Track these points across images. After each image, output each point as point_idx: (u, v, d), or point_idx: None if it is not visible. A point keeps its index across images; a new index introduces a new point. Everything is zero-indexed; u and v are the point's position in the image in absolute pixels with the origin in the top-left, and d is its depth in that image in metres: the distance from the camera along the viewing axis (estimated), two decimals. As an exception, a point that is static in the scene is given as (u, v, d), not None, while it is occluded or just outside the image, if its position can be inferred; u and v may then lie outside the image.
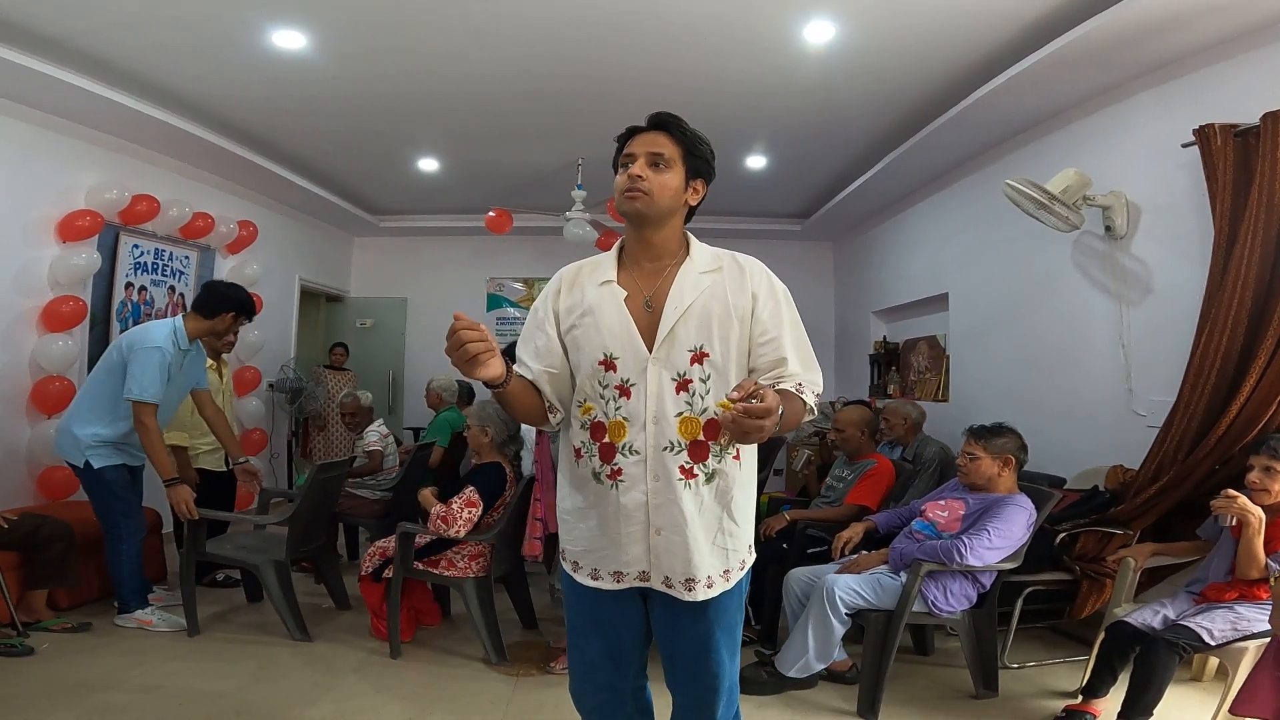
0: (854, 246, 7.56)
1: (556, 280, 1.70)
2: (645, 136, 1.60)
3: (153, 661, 3.10)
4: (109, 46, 3.86)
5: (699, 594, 1.56)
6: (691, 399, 1.54)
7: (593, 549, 1.62)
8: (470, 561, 3.32)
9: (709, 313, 1.56)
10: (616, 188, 1.60)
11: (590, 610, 1.66)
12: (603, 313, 1.58)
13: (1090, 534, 3.35)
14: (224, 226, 5.66)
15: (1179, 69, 3.47)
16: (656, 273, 1.62)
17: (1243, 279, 2.95)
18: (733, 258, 1.64)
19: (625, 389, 1.55)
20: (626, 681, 1.72)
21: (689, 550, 1.54)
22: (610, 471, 1.57)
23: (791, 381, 1.55)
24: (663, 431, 1.54)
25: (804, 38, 3.74)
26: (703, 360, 1.55)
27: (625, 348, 1.56)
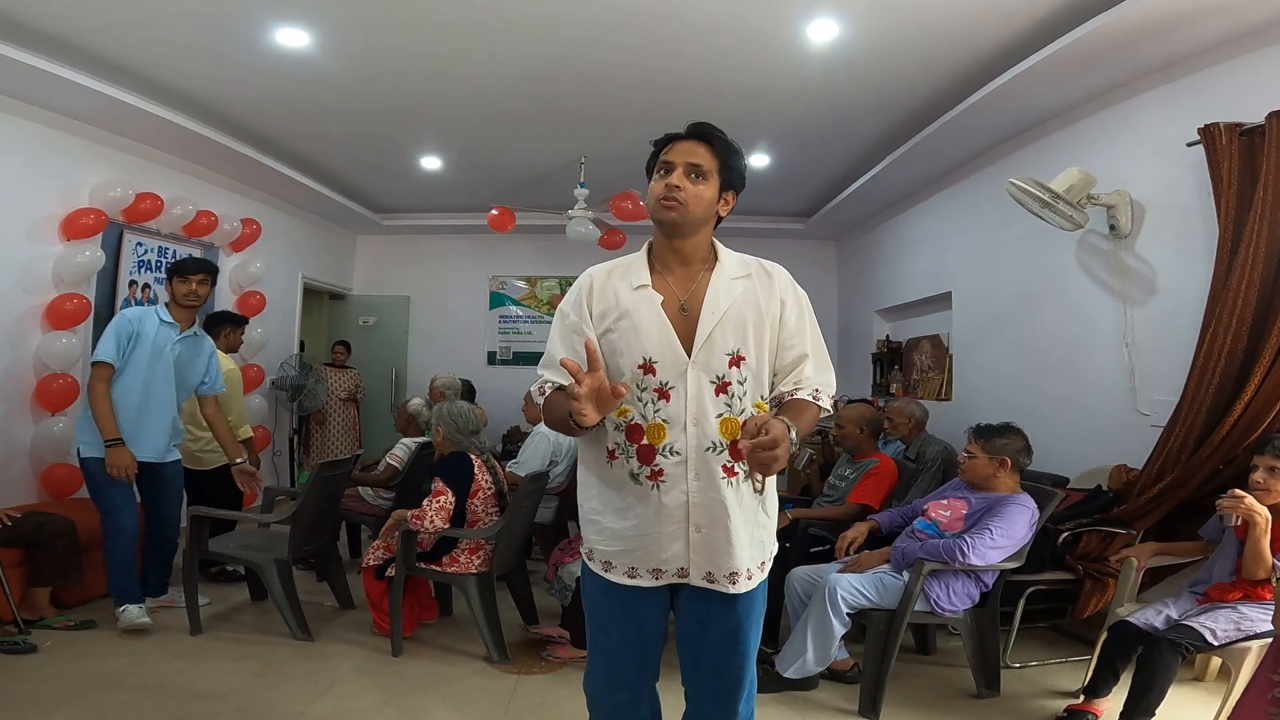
0: (857, 245, 7.55)
1: (587, 281, 1.69)
2: (684, 145, 1.62)
3: (155, 660, 3.11)
4: (113, 45, 3.86)
5: (742, 586, 1.60)
6: (731, 400, 1.59)
7: (630, 548, 1.63)
8: (471, 557, 3.32)
9: (744, 318, 1.61)
10: (652, 194, 1.62)
11: (620, 609, 1.67)
12: (641, 317, 1.60)
13: (1093, 533, 3.34)
14: (227, 224, 5.67)
15: (1184, 68, 3.46)
16: (689, 278, 1.65)
17: (1247, 279, 2.94)
18: (760, 264, 1.70)
19: (664, 392, 1.58)
20: (646, 680, 1.73)
21: (732, 544, 1.58)
22: (651, 472, 1.59)
23: (808, 387, 1.63)
24: (704, 432, 1.57)
25: (807, 36, 3.73)
26: (740, 363, 1.60)
27: (664, 352, 1.58)
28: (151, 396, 3.48)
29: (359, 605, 3.87)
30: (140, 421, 3.44)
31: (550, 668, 3.21)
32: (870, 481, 3.71)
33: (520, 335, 8.15)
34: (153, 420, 3.49)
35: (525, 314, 8.19)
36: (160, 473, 3.59)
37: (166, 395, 3.55)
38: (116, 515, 3.40)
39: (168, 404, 3.56)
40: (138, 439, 3.41)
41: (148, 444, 3.47)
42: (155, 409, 3.50)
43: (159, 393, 3.51)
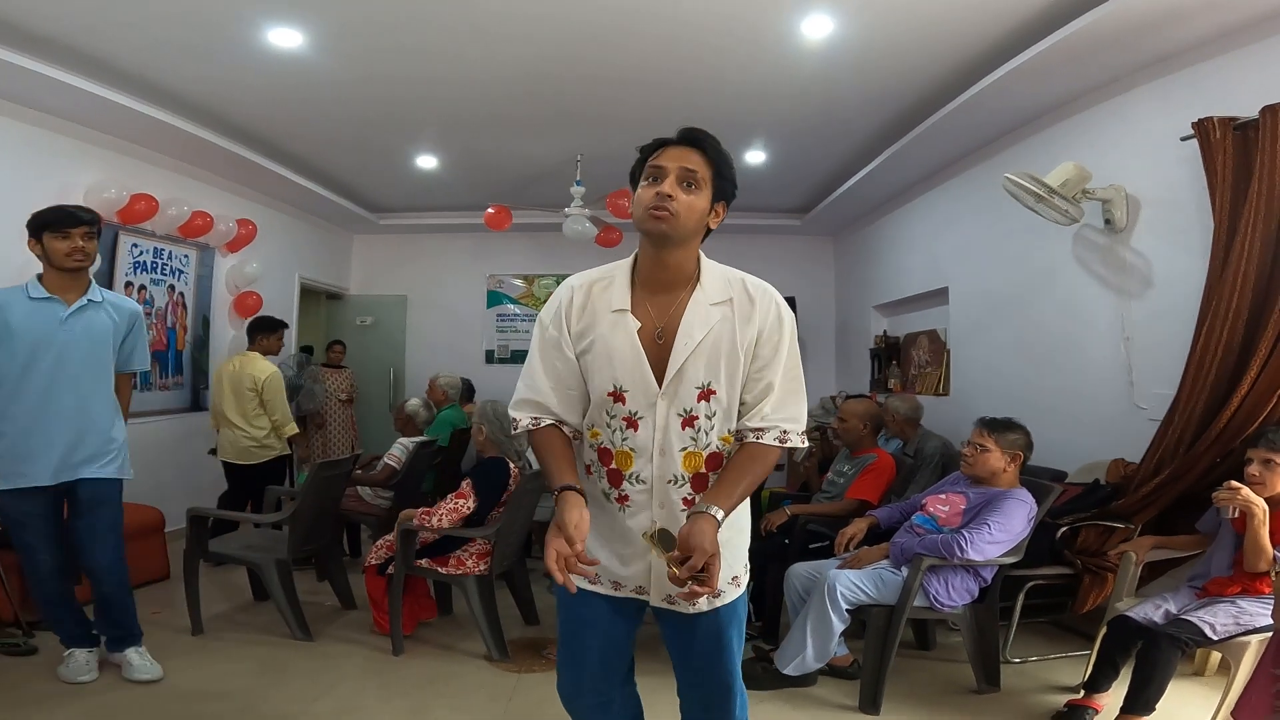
0: (854, 241, 7.55)
1: (568, 294, 1.61)
2: (676, 151, 1.53)
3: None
4: (106, 46, 3.85)
5: (701, 605, 1.58)
6: (696, 435, 1.55)
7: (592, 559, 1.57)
8: (479, 561, 3.32)
9: (718, 350, 1.54)
10: (640, 203, 1.52)
11: (584, 613, 1.65)
12: (615, 344, 1.54)
13: (1092, 528, 3.35)
14: (223, 225, 5.66)
15: (1178, 62, 3.46)
16: (669, 303, 1.57)
17: (1243, 272, 2.95)
18: (744, 286, 1.59)
19: (633, 421, 1.54)
20: (614, 684, 1.72)
21: None
22: (618, 496, 1.58)
23: (773, 429, 1.55)
24: (668, 464, 1.55)
25: (802, 32, 3.73)
26: (709, 397, 1.54)
27: (635, 381, 1.53)
28: (49, 401, 2.73)
29: (360, 605, 3.88)
30: (36, 436, 2.71)
31: (550, 666, 3.20)
32: (869, 477, 3.72)
33: (518, 333, 8.15)
34: (55, 431, 2.74)
35: (522, 312, 8.18)
36: (79, 496, 2.81)
37: (70, 395, 2.77)
38: (31, 555, 2.79)
39: (74, 406, 2.78)
40: (35, 458, 2.71)
41: (47, 462, 2.72)
42: (56, 416, 2.74)
43: (58, 394, 2.74)
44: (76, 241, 2.77)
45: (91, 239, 2.82)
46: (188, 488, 5.41)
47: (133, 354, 3.02)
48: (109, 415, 2.90)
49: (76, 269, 2.80)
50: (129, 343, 2.98)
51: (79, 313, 2.81)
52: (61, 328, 2.76)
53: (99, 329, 2.87)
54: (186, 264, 5.50)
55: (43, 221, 2.79)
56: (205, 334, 5.71)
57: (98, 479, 2.83)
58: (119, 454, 2.92)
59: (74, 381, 2.77)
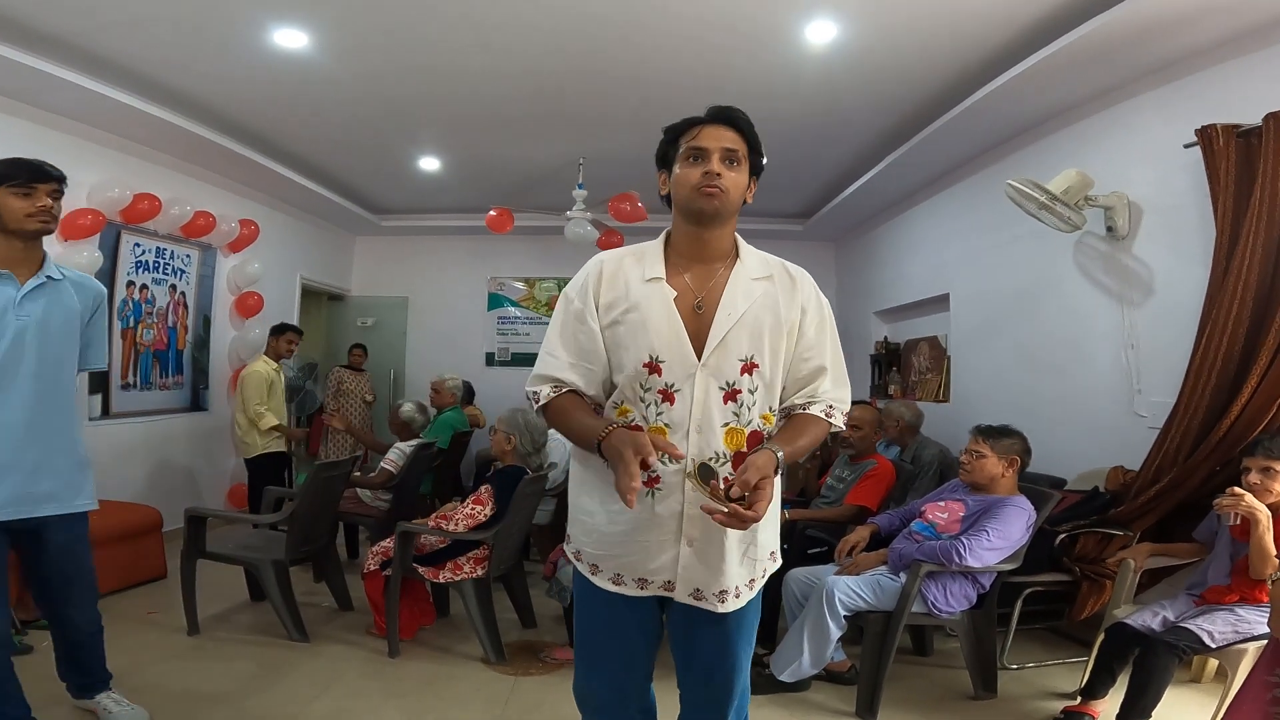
0: (855, 247, 7.55)
1: (596, 268, 1.58)
2: (715, 131, 1.53)
3: (151, 661, 3.10)
4: (111, 45, 3.86)
5: (730, 605, 1.54)
6: (739, 410, 1.50)
7: (617, 554, 1.56)
8: (476, 566, 3.32)
9: (760, 323, 1.52)
10: (685, 182, 1.51)
11: (606, 614, 1.62)
12: (650, 312, 1.50)
13: (1090, 535, 3.34)
14: (225, 225, 5.67)
15: (1182, 69, 3.46)
16: (707, 274, 1.55)
17: (1244, 280, 2.94)
18: (783, 266, 1.61)
19: (669, 394, 1.49)
20: (635, 683, 1.68)
21: (725, 561, 1.52)
22: (647, 479, 1.48)
23: (822, 404, 1.56)
24: (707, 441, 1.49)
25: (805, 37, 3.74)
26: (752, 371, 1.51)
27: (673, 351, 1.49)
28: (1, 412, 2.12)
29: (357, 606, 3.87)
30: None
31: (547, 669, 3.20)
32: (868, 483, 3.71)
33: (519, 336, 8.14)
34: (6, 447, 2.12)
35: (523, 315, 8.18)
36: (47, 540, 2.25)
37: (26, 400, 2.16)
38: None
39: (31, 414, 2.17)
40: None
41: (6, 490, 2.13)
42: (8, 427, 2.13)
43: (11, 398, 2.14)
44: (42, 199, 2.19)
45: (58, 198, 2.26)
46: (186, 487, 5.43)
47: (90, 346, 2.41)
48: (73, 427, 2.33)
49: (38, 234, 2.21)
50: (88, 333, 2.39)
51: (36, 293, 2.21)
52: (15, 312, 2.16)
53: (62, 314, 2.27)
54: (188, 264, 5.51)
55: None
56: (206, 334, 5.71)
57: (69, 516, 2.26)
58: (88, 478, 2.35)
59: (32, 381, 2.16)
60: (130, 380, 5.01)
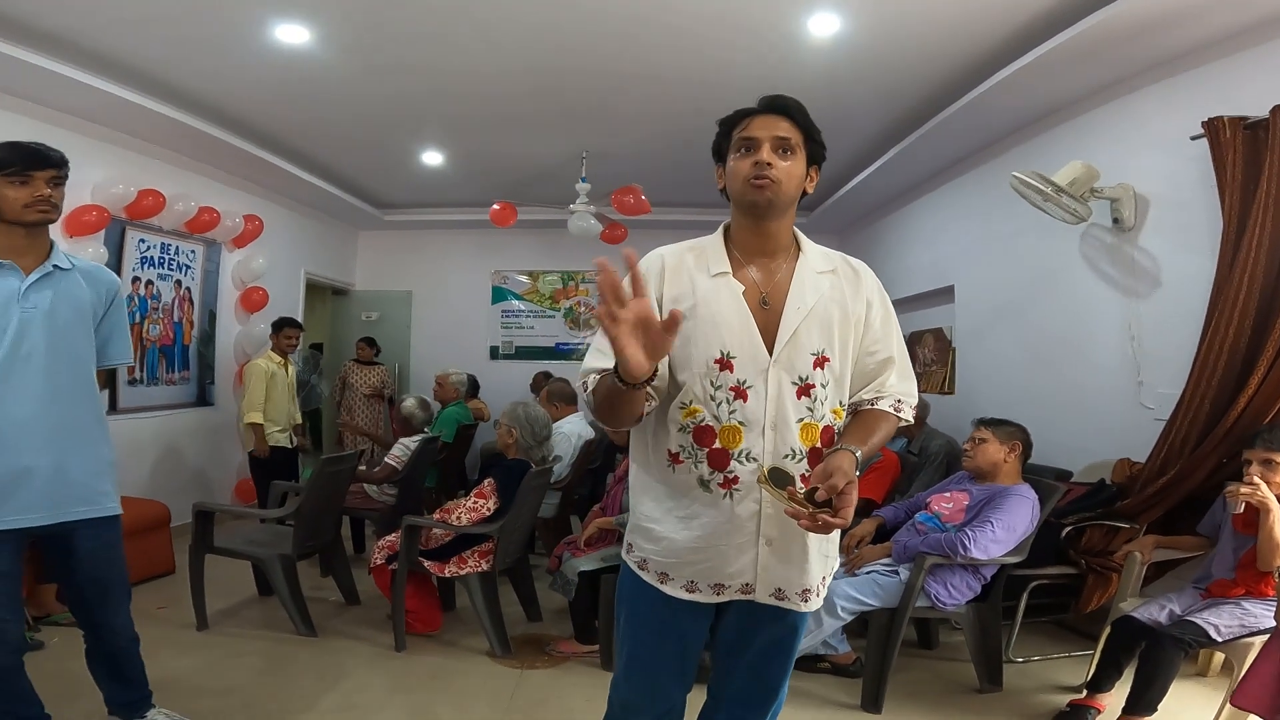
0: (860, 239, 7.53)
1: (657, 263, 1.53)
2: (765, 120, 1.50)
3: (161, 656, 3.11)
4: (114, 42, 3.86)
5: (813, 603, 1.52)
6: (813, 404, 1.47)
7: (692, 560, 1.49)
8: (481, 560, 3.33)
9: (829, 316, 1.49)
10: (736, 175, 1.48)
11: (666, 622, 1.56)
12: (720, 306, 1.46)
13: (1096, 528, 3.34)
14: (230, 221, 5.67)
15: (1189, 61, 3.44)
16: (771, 268, 1.53)
17: (1250, 272, 2.93)
18: (845, 260, 1.59)
19: (742, 391, 1.45)
20: (682, 692, 1.64)
21: (807, 560, 1.49)
22: (724, 479, 1.45)
23: (890, 397, 1.54)
24: (783, 438, 1.45)
25: (809, 30, 3.72)
26: (824, 365, 1.48)
27: (744, 347, 1.45)
28: (11, 406, 2.01)
29: (364, 600, 3.89)
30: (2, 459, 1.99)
31: (553, 662, 3.22)
32: (873, 475, 3.72)
33: (523, 330, 8.15)
34: (26, 449, 2.02)
35: (527, 308, 8.18)
36: (78, 546, 2.14)
37: (41, 396, 2.05)
38: None
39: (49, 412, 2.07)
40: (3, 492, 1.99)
41: (26, 494, 2.02)
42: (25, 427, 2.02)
43: (23, 395, 2.02)
44: (41, 188, 2.05)
45: (58, 185, 2.12)
46: (194, 483, 5.45)
47: (110, 341, 2.28)
48: (98, 425, 2.21)
49: (38, 224, 2.09)
50: (106, 326, 2.26)
51: (43, 283, 2.09)
52: (20, 304, 2.04)
53: (72, 305, 2.14)
54: (193, 259, 5.52)
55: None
56: (211, 329, 5.72)
57: (100, 520, 2.16)
58: (114, 479, 2.25)
59: (43, 376, 2.05)
60: (137, 376, 5.02)
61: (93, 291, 2.21)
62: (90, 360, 2.21)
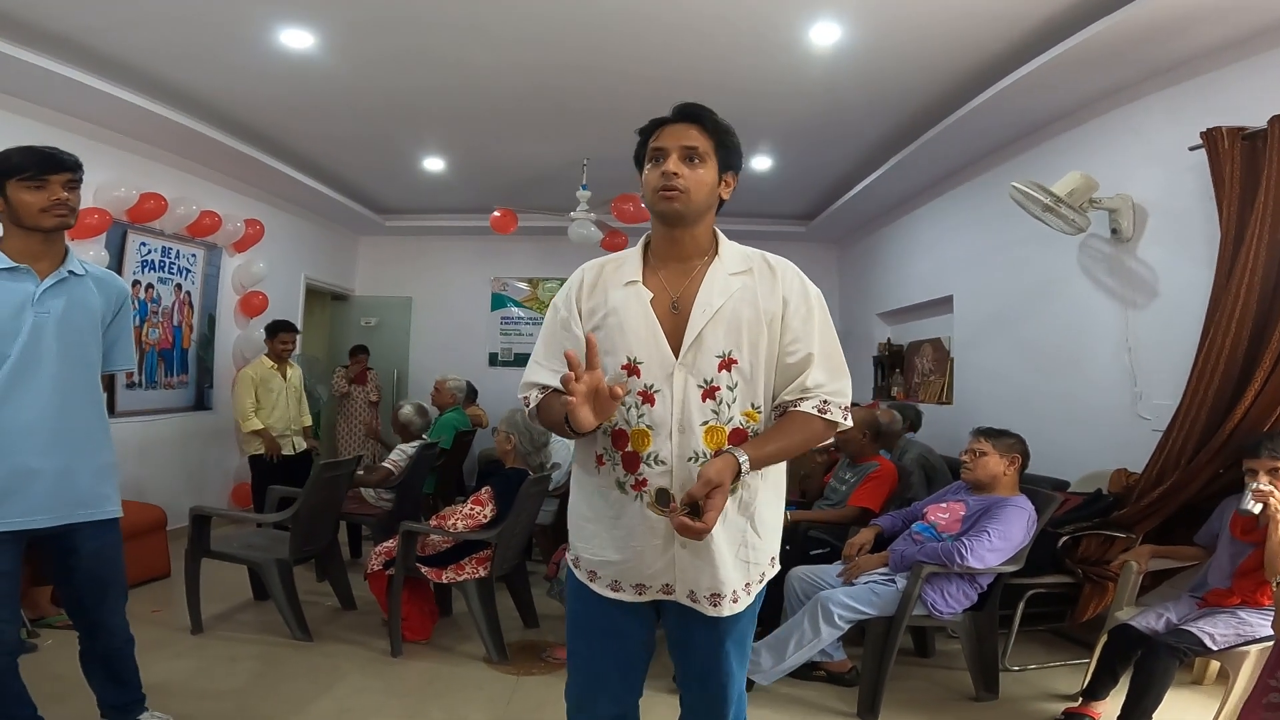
0: (859, 248, 7.55)
1: (579, 277, 1.60)
2: (675, 129, 1.52)
3: (155, 660, 3.10)
4: (117, 44, 3.88)
5: (724, 609, 1.51)
6: (718, 407, 1.47)
7: (614, 560, 1.54)
8: (478, 566, 3.33)
9: (739, 317, 1.49)
10: (647, 185, 1.51)
11: (602, 621, 1.60)
12: (627, 314, 1.50)
13: (1093, 537, 3.34)
14: (231, 225, 5.69)
15: (1187, 72, 3.46)
16: (684, 273, 1.54)
17: (1248, 283, 2.94)
18: (763, 258, 1.57)
19: (649, 395, 1.47)
20: (631, 694, 1.66)
21: (716, 564, 1.48)
22: (635, 481, 1.49)
23: (814, 399, 1.49)
24: (688, 441, 1.46)
25: (810, 39, 3.74)
26: (730, 367, 1.48)
27: (650, 352, 1.48)
28: (21, 409, 2.02)
29: (360, 606, 3.88)
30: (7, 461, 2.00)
31: (549, 668, 3.21)
32: (871, 485, 3.71)
33: (522, 337, 8.15)
34: (31, 451, 2.03)
35: (527, 315, 8.19)
36: (80, 546, 2.16)
37: (51, 401, 2.06)
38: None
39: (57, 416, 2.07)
40: (7, 493, 2.00)
41: (32, 496, 2.03)
42: (32, 432, 2.03)
43: (33, 399, 2.03)
44: (57, 192, 2.05)
45: (74, 189, 2.11)
46: (190, 486, 5.44)
47: (115, 347, 2.29)
48: (103, 430, 2.22)
49: (55, 229, 2.08)
50: (112, 332, 2.27)
51: (57, 288, 2.10)
52: (34, 308, 2.04)
53: (84, 311, 2.16)
54: (194, 263, 5.53)
55: (8, 166, 2.03)
56: (211, 333, 5.73)
57: (102, 522, 2.19)
58: (116, 482, 2.27)
59: (54, 381, 2.06)
60: (136, 379, 5.03)
61: (103, 298, 2.23)
62: (97, 365, 2.24)
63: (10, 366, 2.00)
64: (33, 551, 2.22)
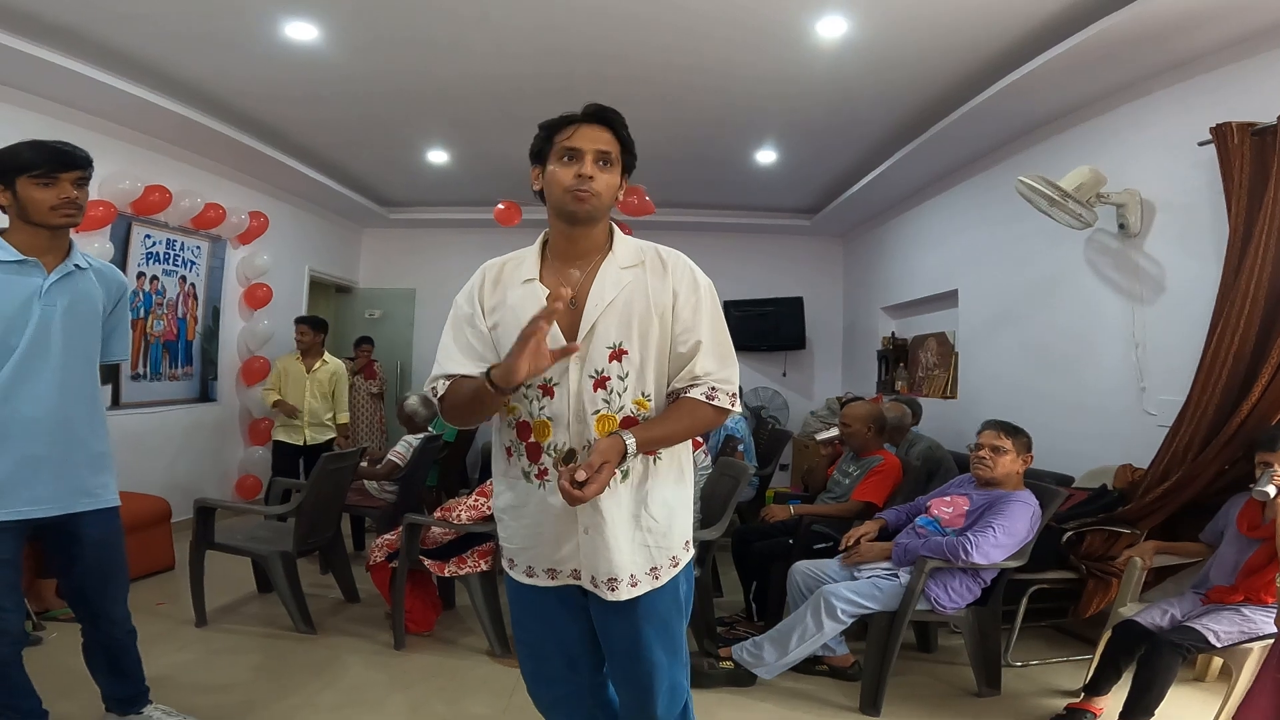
0: (864, 242, 7.53)
1: (480, 275, 1.67)
2: (589, 131, 1.55)
3: (160, 652, 3.12)
4: (122, 37, 3.87)
5: (622, 594, 1.53)
6: (609, 397, 1.52)
7: (527, 546, 1.61)
8: (480, 559, 3.33)
9: (630, 310, 1.53)
10: (557, 183, 1.54)
11: (533, 607, 1.66)
12: (525, 312, 1.51)
13: (1097, 533, 3.33)
14: (235, 217, 5.68)
15: (1197, 67, 3.44)
16: (581, 269, 1.59)
17: (1256, 279, 2.93)
18: (656, 251, 1.61)
19: (548, 389, 1.53)
20: (583, 678, 1.70)
21: (609, 549, 1.52)
22: (538, 471, 1.56)
23: (703, 385, 1.55)
24: (584, 431, 1.52)
25: (816, 32, 3.72)
26: (621, 358, 1.52)
27: None
28: (25, 401, 2.04)
29: (364, 598, 3.89)
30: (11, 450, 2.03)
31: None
32: (875, 479, 3.70)
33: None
34: (34, 441, 2.06)
35: (531, 308, 8.17)
36: (83, 534, 2.19)
37: (53, 392, 2.09)
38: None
39: (58, 407, 2.10)
40: (13, 483, 2.03)
41: (36, 485, 2.07)
42: (34, 422, 2.06)
43: (37, 390, 2.06)
44: (67, 190, 2.07)
45: (83, 186, 2.13)
46: (195, 478, 5.46)
47: (111, 338, 2.32)
48: (99, 421, 2.25)
49: (62, 226, 2.11)
50: (109, 323, 2.31)
51: (63, 282, 2.13)
52: (40, 302, 2.07)
53: (87, 304, 2.19)
54: (198, 255, 5.53)
55: (19, 163, 2.04)
56: (215, 325, 5.74)
57: (103, 511, 2.22)
58: (114, 470, 2.31)
59: (59, 373, 2.10)
60: (140, 371, 5.04)
61: (104, 291, 2.27)
62: (96, 357, 2.28)
63: (17, 358, 2.03)
64: (36, 543, 2.26)
